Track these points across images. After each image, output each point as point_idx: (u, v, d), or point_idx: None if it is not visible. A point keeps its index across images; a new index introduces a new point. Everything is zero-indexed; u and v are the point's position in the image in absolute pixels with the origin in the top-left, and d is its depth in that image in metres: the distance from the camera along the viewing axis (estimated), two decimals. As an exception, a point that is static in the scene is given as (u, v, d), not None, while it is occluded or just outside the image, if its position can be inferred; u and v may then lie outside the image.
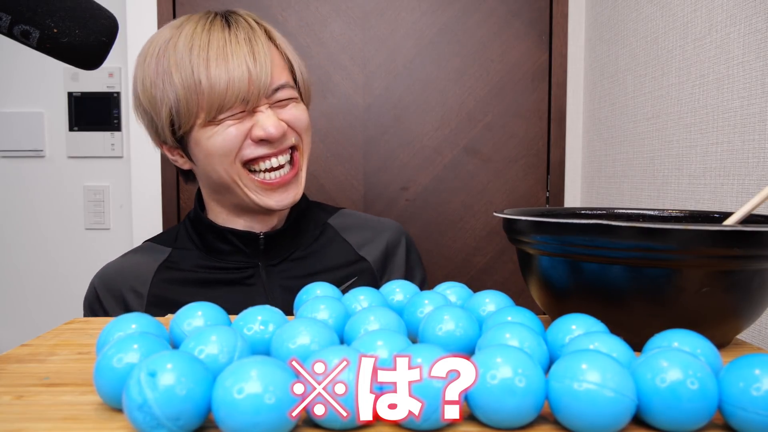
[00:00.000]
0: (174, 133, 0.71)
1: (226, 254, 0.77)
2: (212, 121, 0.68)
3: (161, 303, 0.74)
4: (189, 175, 0.81)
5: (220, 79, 0.66)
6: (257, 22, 0.73)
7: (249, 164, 0.72)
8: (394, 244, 0.87)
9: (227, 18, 0.71)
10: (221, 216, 0.78)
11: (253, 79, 0.67)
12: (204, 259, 0.77)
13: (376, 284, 0.81)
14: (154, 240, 0.83)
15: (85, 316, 0.77)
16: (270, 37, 0.73)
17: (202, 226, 0.78)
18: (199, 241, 0.79)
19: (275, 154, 0.72)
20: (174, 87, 0.67)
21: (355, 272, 0.81)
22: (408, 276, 0.88)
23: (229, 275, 0.76)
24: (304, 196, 0.84)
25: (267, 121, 0.69)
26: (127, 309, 0.74)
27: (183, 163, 0.77)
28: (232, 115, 0.69)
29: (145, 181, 1.45)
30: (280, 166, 0.73)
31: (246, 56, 0.67)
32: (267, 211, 0.77)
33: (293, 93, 0.74)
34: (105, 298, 0.75)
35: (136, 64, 0.73)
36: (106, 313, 0.75)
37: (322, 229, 0.85)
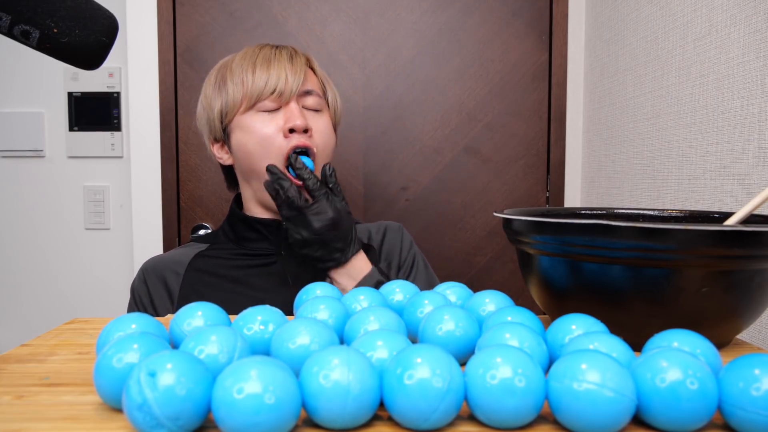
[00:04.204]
0: (222, 124, 0.85)
1: (253, 242, 0.87)
2: (251, 107, 0.81)
3: (196, 279, 0.85)
4: (231, 179, 0.93)
5: (261, 78, 0.81)
6: (301, 51, 0.87)
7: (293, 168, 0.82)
8: (391, 229, 0.98)
9: (277, 45, 0.86)
10: (252, 208, 0.88)
11: (288, 79, 0.81)
12: (235, 249, 0.88)
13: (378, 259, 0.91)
14: (197, 238, 0.95)
15: (130, 298, 0.88)
16: (309, 62, 0.87)
17: (234, 218, 0.90)
18: (231, 234, 0.89)
19: (307, 145, 0.81)
20: (226, 88, 0.83)
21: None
22: (403, 250, 0.95)
23: (255, 261, 0.86)
24: None
25: (294, 112, 0.81)
26: (166, 287, 0.85)
27: (227, 159, 0.89)
28: (267, 107, 0.81)
29: (145, 181, 1.45)
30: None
31: (286, 65, 0.82)
32: None
33: (322, 103, 0.86)
34: (149, 277, 0.86)
35: (203, 85, 0.89)
36: (148, 292, 0.86)
37: None
